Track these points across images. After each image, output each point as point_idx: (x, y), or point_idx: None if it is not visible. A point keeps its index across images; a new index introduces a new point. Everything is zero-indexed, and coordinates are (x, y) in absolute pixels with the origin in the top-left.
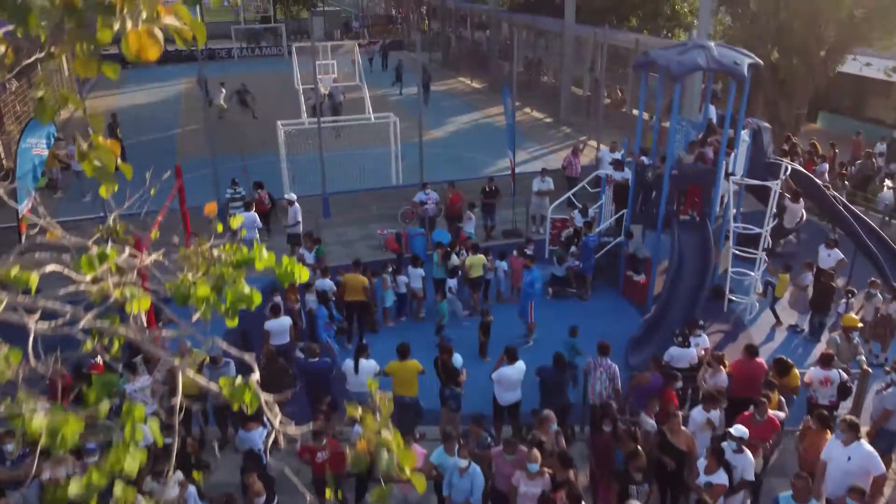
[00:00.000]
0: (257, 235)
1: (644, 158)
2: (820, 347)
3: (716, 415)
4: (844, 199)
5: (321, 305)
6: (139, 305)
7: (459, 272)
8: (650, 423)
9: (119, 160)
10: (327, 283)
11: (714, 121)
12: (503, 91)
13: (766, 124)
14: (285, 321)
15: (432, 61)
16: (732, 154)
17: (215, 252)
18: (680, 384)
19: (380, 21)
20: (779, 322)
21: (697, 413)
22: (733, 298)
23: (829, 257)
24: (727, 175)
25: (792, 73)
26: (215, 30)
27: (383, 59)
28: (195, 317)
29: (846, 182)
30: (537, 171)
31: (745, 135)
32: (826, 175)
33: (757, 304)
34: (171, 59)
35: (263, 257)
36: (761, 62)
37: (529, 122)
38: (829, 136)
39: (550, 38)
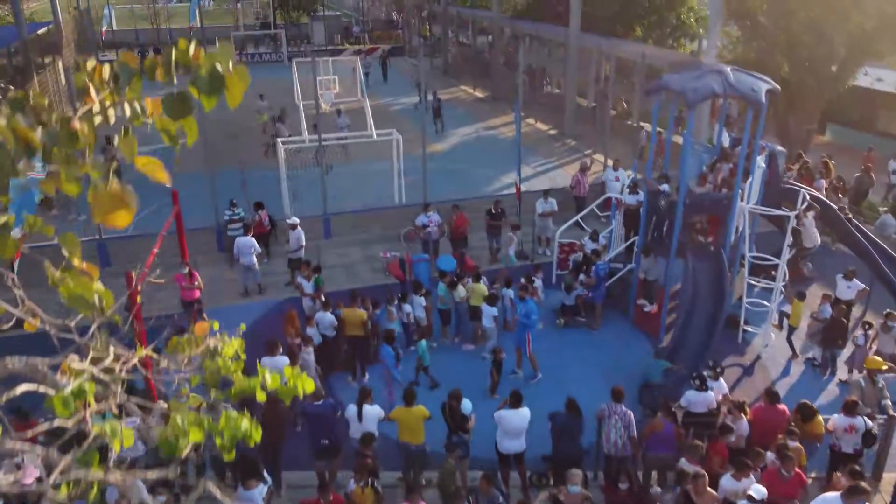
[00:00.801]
0: (255, 261)
1: (664, 187)
2: (837, 389)
3: (749, 484)
4: (862, 226)
5: (386, 345)
6: (120, 442)
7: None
8: (692, 468)
9: (98, 284)
10: (328, 317)
11: (727, 145)
12: (514, 107)
13: (781, 148)
14: (281, 360)
15: (433, 68)
16: (748, 181)
17: (211, 343)
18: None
19: (380, 26)
20: (795, 354)
21: (727, 482)
22: (748, 329)
23: (848, 289)
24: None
25: (802, 89)
26: (215, 34)
27: (384, 70)
28: None
29: (840, 196)
30: (543, 189)
31: (760, 160)
32: (823, 191)
33: (773, 336)
34: None
35: (267, 381)
36: (778, 87)
37: (533, 134)
38: (838, 149)
39: (554, 46)
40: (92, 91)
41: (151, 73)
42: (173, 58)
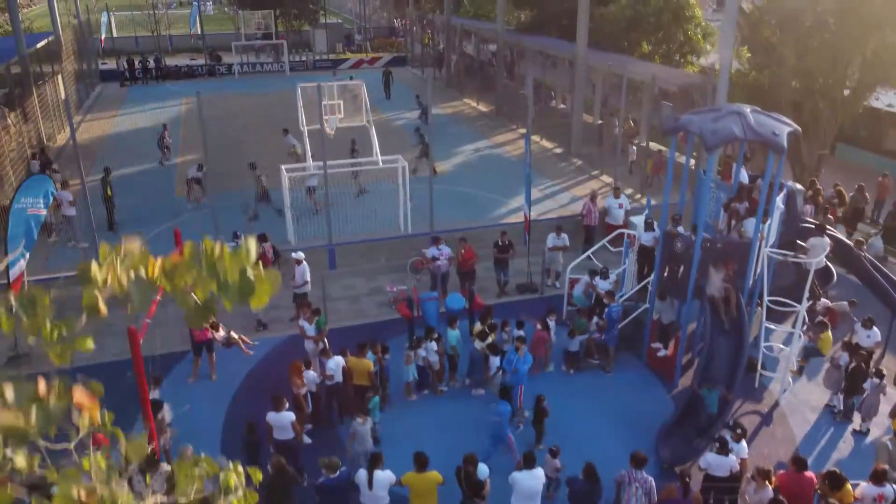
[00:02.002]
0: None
1: (680, 230)
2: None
3: None
4: (877, 262)
5: (503, 400)
6: None
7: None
8: None
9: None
10: (337, 362)
11: (746, 182)
12: (526, 138)
13: (799, 186)
14: (286, 417)
15: (436, 79)
16: (767, 223)
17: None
18: None
19: (382, 33)
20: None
21: None
22: (766, 374)
23: (868, 338)
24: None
25: (815, 113)
26: (216, 41)
27: (385, 85)
28: None
29: (831, 216)
30: (551, 217)
31: (779, 201)
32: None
33: (791, 382)
34: (171, 75)
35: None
36: (799, 129)
37: (539, 153)
38: (847, 169)
39: (559, 59)
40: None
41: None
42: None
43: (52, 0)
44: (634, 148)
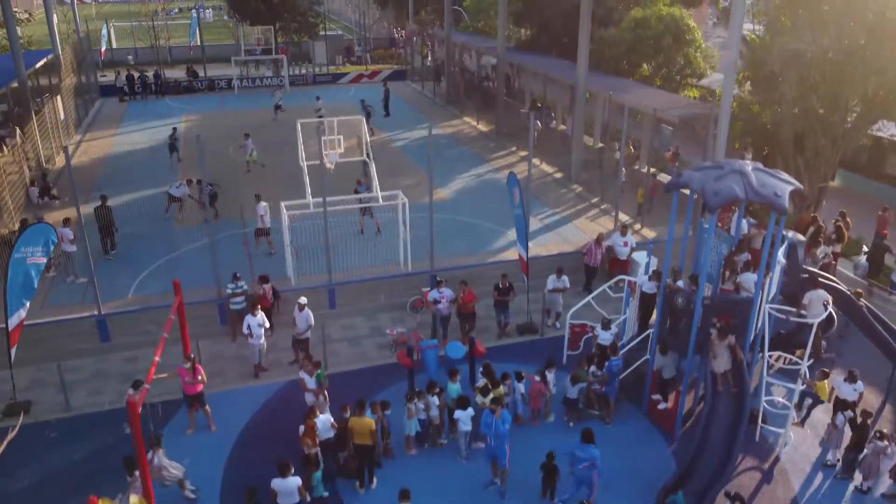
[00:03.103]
0: (263, 342)
1: (680, 283)
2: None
3: None
4: (877, 311)
5: (591, 444)
6: None
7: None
8: None
9: None
10: (325, 420)
11: (747, 231)
12: (509, 181)
13: (801, 237)
14: (293, 482)
15: (435, 95)
16: (768, 279)
17: None
18: None
19: (382, 44)
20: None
21: None
22: (767, 427)
23: (854, 391)
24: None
25: (816, 149)
26: (215, 52)
27: (385, 103)
28: None
29: (822, 241)
30: (551, 255)
31: (780, 255)
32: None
33: (792, 436)
34: (170, 90)
35: None
36: (801, 186)
37: (539, 178)
38: (848, 196)
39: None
40: None
41: None
42: None
43: (52, 20)
44: (624, 170)
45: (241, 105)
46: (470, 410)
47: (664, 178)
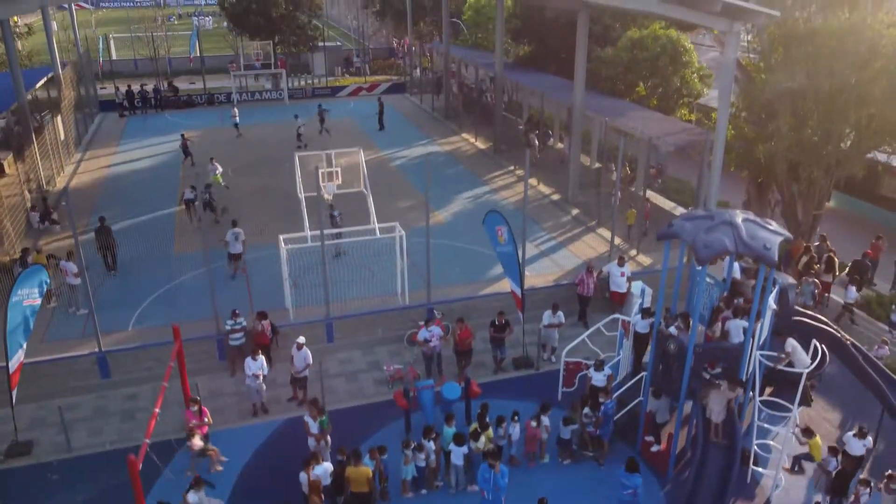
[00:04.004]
0: (262, 384)
1: (671, 329)
2: None
3: None
4: (871, 356)
5: (634, 473)
6: None
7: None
8: None
9: None
10: (325, 468)
11: (739, 275)
12: (489, 220)
13: (791, 280)
14: None
15: (434, 109)
16: (759, 326)
17: None
18: None
19: (380, 54)
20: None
21: None
22: (758, 469)
23: (863, 447)
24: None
25: (810, 179)
26: (215, 63)
27: (380, 117)
28: None
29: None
30: (547, 286)
31: (771, 301)
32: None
33: (783, 478)
34: (170, 105)
35: None
36: (790, 236)
37: (536, 199)
38: (843, 217)
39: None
40: None
41: None
42: None
43: (52, 39)
44: (620, 193)
45: (239, 120)
46: (464, 447)
47: (658, 198)
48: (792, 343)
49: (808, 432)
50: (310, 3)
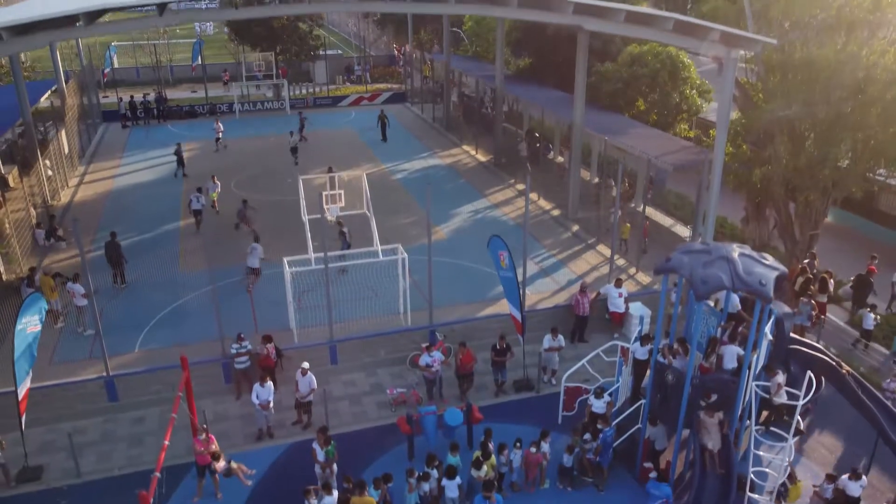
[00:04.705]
0: (271, 410)
1: (666, 360)
2: None
3: None
4: (869, 386)
5: (663, 483)
6: None
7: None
8: None
9: None
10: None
11: (738, 306)
12: (493, 244)
13: (788, 309)
14: None
15: (435, 120)
16: (755, 357)
17: None
18: None
19: (381, 62)
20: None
21: None
22: (754, 496)
23: (860, 488)
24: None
25: (807, 201)
26: (217, 71)
27: (382, 128)
28: None
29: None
30: (546, 308)
31: (767, 331)
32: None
33: None
34: (172, 115)
35: None
36: (786, 270)
37: (536, 215)
38: (841, 232)
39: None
40: None
41: None
42: None
43: (56, 56)
44: (620, 212)
45: (242, 131)
46: (457, 479)
47: (657, 214)
48: (778, 381)
49: (791, 478)
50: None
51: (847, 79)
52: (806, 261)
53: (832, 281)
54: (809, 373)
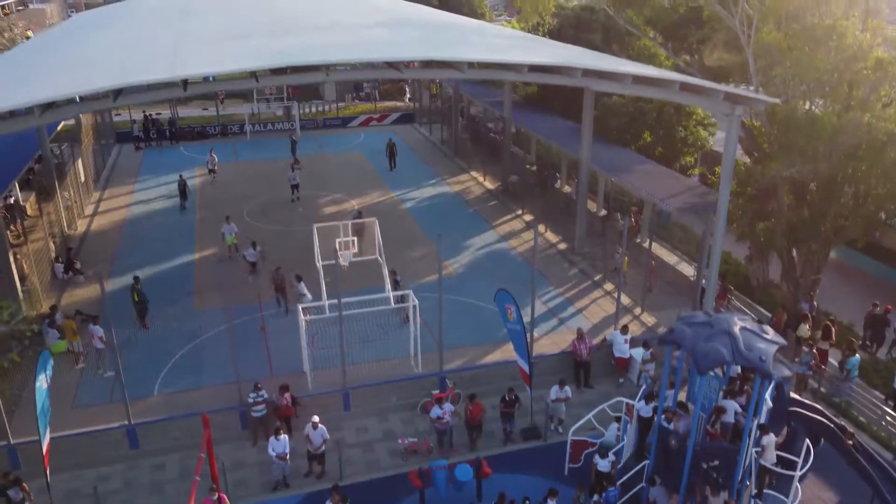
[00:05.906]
0: (288, 462)
1: (671, 425)
2: None
3: None
4: (865, 447)
5: None
6: None
7: None
8: None
9: None
10: None
11: (739, 369)
12: (500, 298)
13: (788, 372)
14: None
15: (443, 143)
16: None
17: None
18: None
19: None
20: None
21: None
22: None
23: None
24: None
25: (809, 250)
26: (226, 87)
27: (391, 158)
28: None
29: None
30: (553, 353)
31: (767, 397)
32: None
33: None
34: (185, 136)
35: None
36: (784, 342)
37: (543, 248)
38: (845, 271)
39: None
40: None
41: None
42: None
43: None
44: (622, 250)
45: (254, 154)
46: None
47: (661, 249)
48: (768, 440)
49: None
50: None
51: (849, 142)
52: (804, 303)
53: (835, 328)
54: (808, 441)
